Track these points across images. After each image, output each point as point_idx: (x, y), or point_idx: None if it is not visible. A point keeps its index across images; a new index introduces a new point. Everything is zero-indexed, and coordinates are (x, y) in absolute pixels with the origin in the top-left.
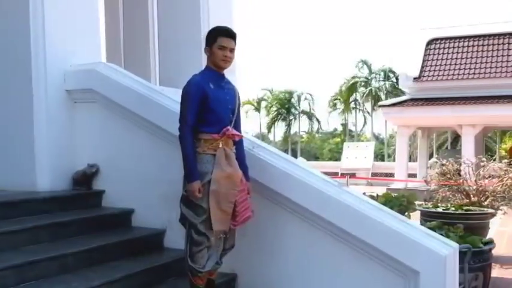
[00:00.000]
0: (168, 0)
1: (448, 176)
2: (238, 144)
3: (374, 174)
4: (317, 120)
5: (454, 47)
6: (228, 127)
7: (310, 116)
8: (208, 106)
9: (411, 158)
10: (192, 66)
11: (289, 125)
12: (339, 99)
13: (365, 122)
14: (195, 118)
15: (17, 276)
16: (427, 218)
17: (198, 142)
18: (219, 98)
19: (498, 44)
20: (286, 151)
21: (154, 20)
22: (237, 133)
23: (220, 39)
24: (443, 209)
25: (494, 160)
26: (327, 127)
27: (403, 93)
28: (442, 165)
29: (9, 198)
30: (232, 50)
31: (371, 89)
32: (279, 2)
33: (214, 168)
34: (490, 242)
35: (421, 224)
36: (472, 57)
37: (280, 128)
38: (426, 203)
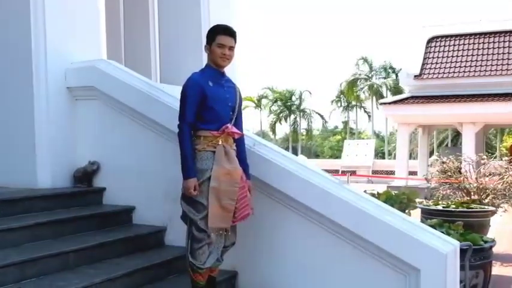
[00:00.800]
0: None
1: (449, 173)
2: (239, 142)
3: (374, 172)
4: (321, 117)
5: (454, 45)
6: (228, 125)
7: (307, 114)
8: (207, 104)
9: (412, 155)
10: (193, 63)
11: (294, 123)
12: (340, 97)
13: (369, 119)
14: (194, 116)
15: (18, 273)
16: (427, 215)
17: (198, 139)
18: (218, 95)
19: (499, 42)
20: (287, 149)
21: (155, 17)
22: (237, 131)
23: (220, 37)
24: (443, 207)
25: (495, 158)
26: (327, 125)
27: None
28: (443, 163)
29: (10, 196)
30: (231, 48)
31: (372, 87)
32: (279, 1)
33: (214, 165)
34: (491, 239)
35: (422, 222)
36: (472, 55)
37: (281, 126)
38: (427, 200)
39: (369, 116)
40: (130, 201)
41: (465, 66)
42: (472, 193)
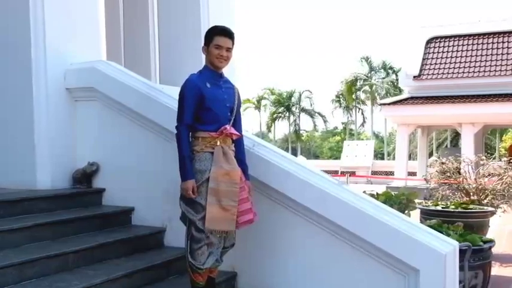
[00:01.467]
0: None
1: (448, 174)
2: (238, 143)
3: (374, 173)
4: (322, 117)
5: (453, 46)
6: (226, 126)
7: (311, 114)
8: (205, 105)
9: (411, 156)
10: (193, 64)
11: (295, 123)
12: (340, 98)
13: (363, 123)
14: (192, 117)
15: (17, 274)
16: (426, 216)
17: (196, 140)
18: (216, 97)
19: (498, 43)
20: (286, 149)
21: (154, 18)
22: (235, 132)
23: (217, 38)
24: (443, 207)
25: (494, 158)
26: (327, 125)
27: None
28: (442, 163)
29: (9, 197)
30: (229, 49)
31: (371, 87)
32: (281, 1)
33: (212, 166)
34: (490, 240)
35: (421, 222)
36: (471, 56)
37: (280, 127)
38: (426, 201)
39: (365, 121)
40: (129, 202)
41: (464, 67)
42: (471, 194)
